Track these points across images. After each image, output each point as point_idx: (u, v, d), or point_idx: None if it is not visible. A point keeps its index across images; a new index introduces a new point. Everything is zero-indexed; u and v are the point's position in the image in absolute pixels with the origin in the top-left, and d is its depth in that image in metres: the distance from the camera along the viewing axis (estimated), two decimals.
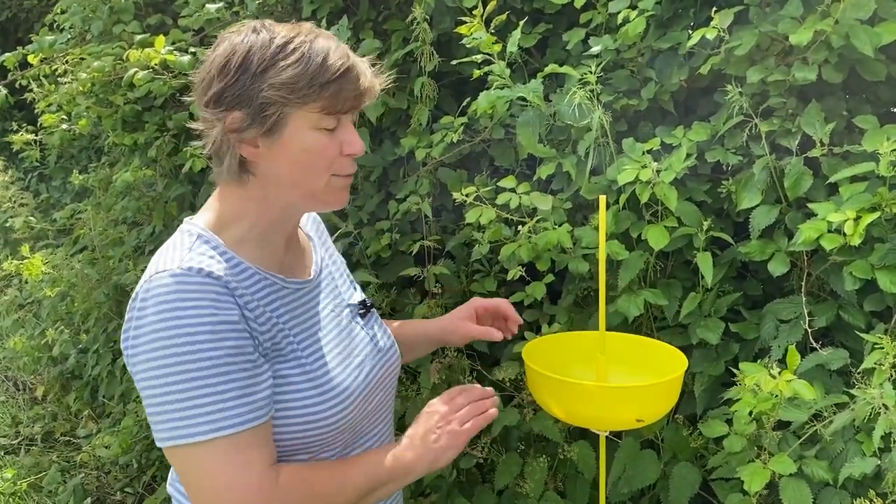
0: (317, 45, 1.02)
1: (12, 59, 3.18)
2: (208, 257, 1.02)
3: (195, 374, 0.94)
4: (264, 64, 1.01)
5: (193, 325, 0.95)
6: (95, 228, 3.40)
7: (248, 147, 1.04)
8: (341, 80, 1.02)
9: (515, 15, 2.15)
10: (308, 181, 1.07)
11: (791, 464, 1.46)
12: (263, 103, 1.01)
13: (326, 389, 1.07)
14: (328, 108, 1.03)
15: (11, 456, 3.53)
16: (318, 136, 1.04)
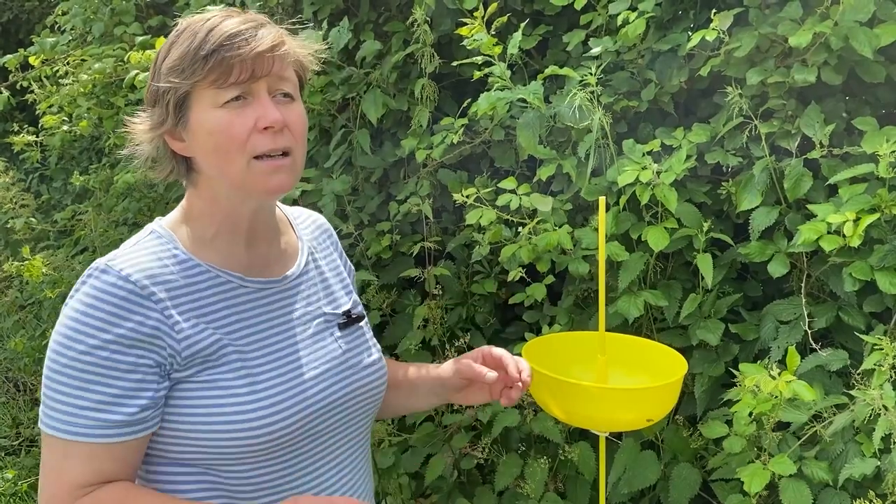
0: (209, 23, 1.00)
1: (14, 60, 3.19)
2: (148, 254, 1.03)
3: (64, 370, 0.97)
4: (163, 54, 1.03)
5: (86, 326, 0.96)
6: (96, 229, 3.40)
7: (177, 142, 1.05)
8: (224, 48, 0.97)
9: (516, 16, 2.16)
10: (226, 166, 1.01)
11: (791, 465, 1.46)
12: (164, 93, 1.01)
13: (267, 395, 1.02)
14: (218, 81, 0.98)
15: (12, 457, 3.53)
16: (222, 114, 0.99)
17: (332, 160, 2.42)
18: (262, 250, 1.13)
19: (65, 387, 0.97)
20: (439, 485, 2.08)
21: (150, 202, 3.21)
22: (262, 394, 1.02)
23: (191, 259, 1.05)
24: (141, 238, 1.07)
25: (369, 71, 2.34)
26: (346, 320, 1.18)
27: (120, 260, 1.01)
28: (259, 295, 1.09)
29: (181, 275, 1.03)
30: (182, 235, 1.07)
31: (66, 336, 0.97)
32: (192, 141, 1.03)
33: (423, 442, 2.11)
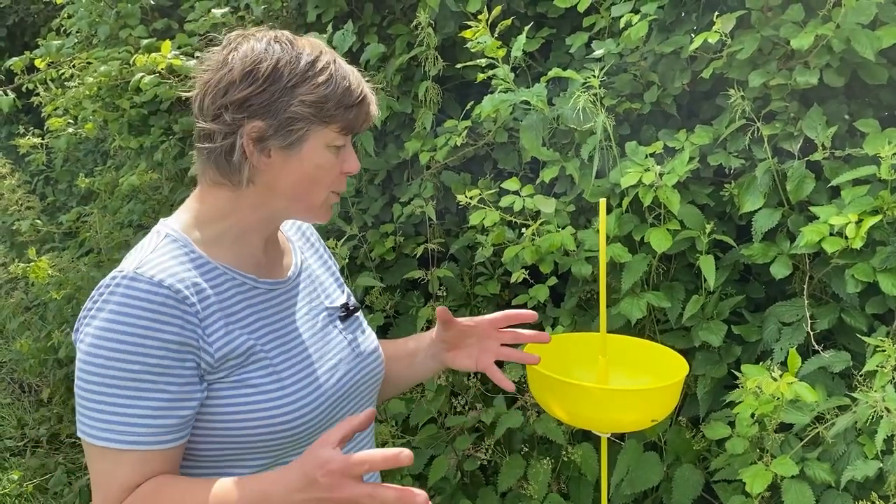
0: (341, 68, 1.07)
1: (20, 63, 3.20)
2: (170, 258, 1.02)
3: (111, 381, 0.96)
4: (295, 79, 1.03)
5: (128, 334, 0.96)
6: (101, 231, 3.41)
7: (262, 157, 1.05)
8: (362, 104, 1.07)
9: (519, 19, 2.17)
10: (311, 196, 1.09)
11: (793, 466, 1.46)
12: (291, 118, 1.02)
13: (294, 389, 1.05)
14: (346, 129, 1.07)
15: (17, 458, 3.55)
16: (329, 155, 1.07)
17: None
18: (271, 252, 1.16)
19: (115, 398, 0.96)
20: (442, 486, 2.09)
21: (155, 204, 3.23)
22: (288, 389, 1.05)
23: (209, 262, 1.06)
24: (157, 243, 1.05)
25: (373, 73, 2.35)
26: (346, 312, 1.23)
27: (147, 267, 1.00)
28: (271, 295, 1.12)
29: (204, 278, 1.04)
30: (195, 238, 1.07)
31: (107, 348, 0.96)
32: (285, 164, 1.05)
33: (426, 443, 2.12)
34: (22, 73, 3.27)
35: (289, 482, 0.89)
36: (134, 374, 0.96)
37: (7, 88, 3.32)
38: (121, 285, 0.98)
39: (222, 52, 1.07)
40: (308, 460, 0.88)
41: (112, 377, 0.96)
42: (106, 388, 0.96)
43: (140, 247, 1.06)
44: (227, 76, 1.04)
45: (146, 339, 0.96)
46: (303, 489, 0.88)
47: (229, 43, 1.07)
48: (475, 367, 1.27)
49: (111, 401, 0.96)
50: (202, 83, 1.07)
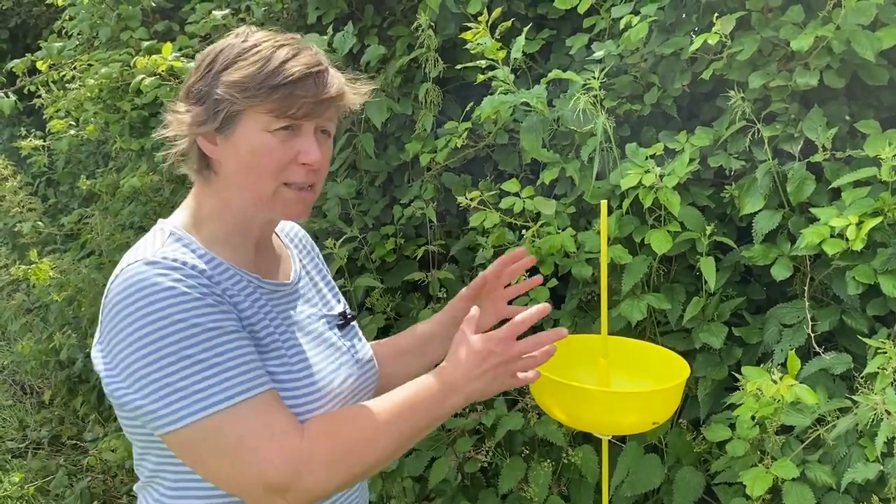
0: (283, 51, 1.03)
1: (21, 65, 3.21)
2: (181, 253, 1.02)
3: (204, 343, 0.94)
4: (226, 63, 1.04)
5: (189, 299, 0.94)
6: (102, 233, 3.42)
7: (208, 143, 1.06)
8: (294, 85, 1.01)
9: (519, 21, 2.17)
10: (256, 185, 1.05)
11: (794, 468, 1.46)
12: (217, 99, 1.03)
13: (303, 385, 1.06)
14: (277, 112, 1.02)
15: (19, 460, 3.55)
16: (268, 139, 1.03)
17: (336, 164, 2.43)
18: (265, 256, 1.16)
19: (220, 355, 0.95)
20: (443, 488, 2.09)
21: (156, 206, 3.23)
22: (301, 382, 1.06)
23: (216, 258, 1.06)
24: (164, 239, 1.05)
25: (374, 75, 2.35)
26: (343, 321, 1.23)
27: (167, 253, 1.00)
28: (276, 295, 1.13)
29: (215, 272, 1.03)
30: (196, 237, 1.08)
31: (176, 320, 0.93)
32: (227, 149, 1.05)
33: (426, 445, 2.12)
34: (24, 75, 3.28)
35: (467, 363, 1.03)
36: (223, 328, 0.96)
37: (9, 90, 3.33)
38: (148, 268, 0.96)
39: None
40: (475, 342, 1.04)
41: (204, 339, 0.94)
42: (207, 351, 0.94)
43: (144, 244, 1.05)
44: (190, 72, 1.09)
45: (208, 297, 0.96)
46: (481, 363, 1.03)
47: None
48: (496, 319, 1.35)
49: (221, 358, 0.95)
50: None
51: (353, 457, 0.99)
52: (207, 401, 0.94)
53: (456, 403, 1.05)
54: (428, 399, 1.04)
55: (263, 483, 0.95)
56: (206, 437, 0.95)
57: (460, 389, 1.04)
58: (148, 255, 0.99)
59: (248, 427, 0.95)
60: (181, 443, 0.97)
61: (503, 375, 1.05)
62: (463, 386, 1.04)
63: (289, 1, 2.63)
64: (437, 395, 1.04)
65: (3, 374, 4.42)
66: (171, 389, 0.94)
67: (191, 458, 0.99)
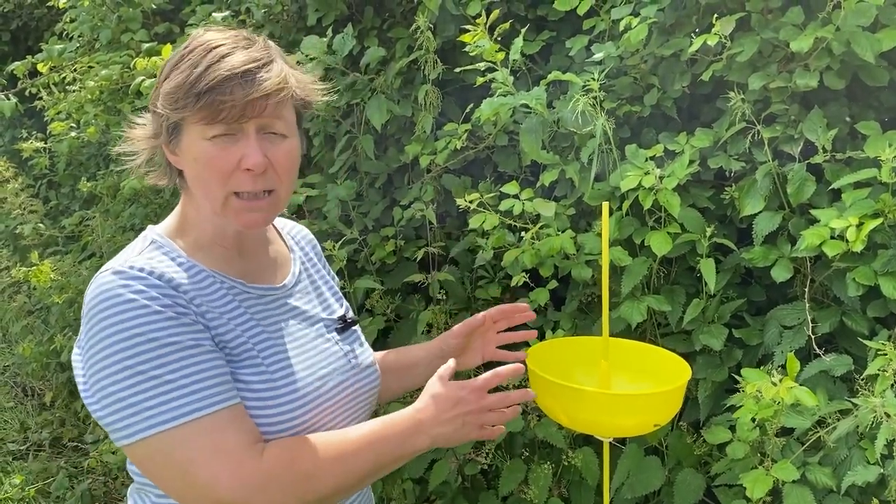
0: (213, 54, 1.00)
1: (22, 67, 3.21)
2: (157, 262, 1.02)
3: (161, 359, 0.93)
4: (165, 74, 1.05)
5: (147, 313, 0.94)
6: (103, 235, 3.41)
7: (170, 154, 1.07)
8: (215, 90, 0.98)
9: (519, 22, 2.16)
10: (207, 194, 1.04)
11: (794, 470, 1.46)
12: (158, 113, 1.04)
13: (282, 393, 1.04)
14: (207, 119, 0.99)
15: (20, 462, 3.55)
16: (207, 147, 1.01)
17: (336, 166, 2.43)
18: (253, 259, 1.16)
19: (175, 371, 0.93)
20: (443, 490, 2.08)
21: (157, 208, 3.23)
22: (280, 390, 1.04)
23: (195, 265, 1.06)
24: (143, 247, 1.06)
25: (373, 77, 2.35)
26: (343, 325, 1.23)
27: (133, 261, 1.00)
28: (262, 300, 1.12)
29: (192, 280, 1.03)
30: (181, 243, 1.08)
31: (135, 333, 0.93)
32: (181, 158, 1.06)
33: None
34: (25, 78, 3.28)
35: (438, 407, 1.06)
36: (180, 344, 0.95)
37: (10, 92, 3.33)
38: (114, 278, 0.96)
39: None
40: (450, 387, 1.07)
41: (161, 355, 0.93)
42: (162, 367, 0.93)
43: (125, 250, 1.07)
44: None
45: (168, 311, 0.95)
46: (451, 408, 1.05)
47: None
48: (482, 360, 1.38)
49: (176, 374, 0.94)
50: None
51: (309, 481, 0.98)
52: (156, 419, 0.93)
53: (420, 444, 1.05)
54: (393, 436, 1.04)
55: (215, 502, 0.94)
56: (156, 454, 0.95)
57: (426, 431, 1.05)
58: (118, 263, 0.99)
59: (197, 447, 0.94)
60: (136, 457, 0.98)
61: (470, 425, 1.07)
62: (429, 428, 1.05)
63: (289, 3, 2.63)
64: (402, 433, 1.04)
65: (4, 375, 4.42)
66: (125, 404, 0.93)
67: (147, 471, 1.00)
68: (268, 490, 0.94)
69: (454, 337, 1.35)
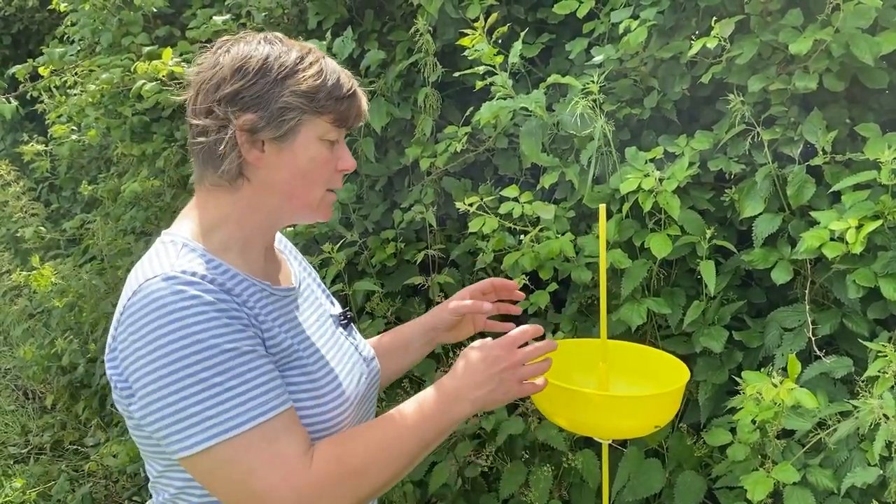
0: (330, 64, 1.09)
1: (23, 70, 3.22)
2: (197, 264, 1.00)
3: (218, 367, 0.93)
4: (285, 71, 1.04)
5: (202, 321, 0.93)
6: (104, 238, 3.42)
7: (255, 151, 1.04)
8: (352, 98, 1.08)
9: (518, 25, 2.17)
10: (307, 191, 1.09)
11: (794, 472, 1.46)
12: (283, 108, 1.03)
13: (326, 391, 1.06)
14: (339, 122, 1.07)
15: (21, 465, 3.55)
16: (323, 148, 1.08)
17: None
18: (271, 262, 1.17)
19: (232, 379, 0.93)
20: (444, 493, 2.08)
21: (158, 211, 3.23)
22: (322, 390, 1.06)
23: (230, 269, 1.04)
24: (178, 251, 1.02)
25: (373, 80, 2.36)
26: (346, 320, 1.26)
27: (179, 267, 0.97)
28: (287, 301, 1.13)
29: (231, 283, 1.02)
30: (209, 245, 1.05)
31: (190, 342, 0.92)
32: (278, 157, 1.05)
33: None
34: (26, 81, 3.29)
35: (472, 371, 1.06)
36: (237, 350, 0.95)
37: (11, 96, 3.34)
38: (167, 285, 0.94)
39: (214, 54, 1.08)
40: (482, 348, 1.08)
41: (219, 363, 0.93)
42: (220, 375, 0.93)
43: (156, 256, 1.02)
44: (217, 74, 1.05)
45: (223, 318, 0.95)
46: (487, 368, 1.06)
47: (221, 45, 1.09)
48: (474, 331, 1.38)
49: (234, 382, 0.94)
50: (195, 84, 1.08)
51: (360, 478, 0.99)
52: (219, 427, 0.93)
53: (462, 412, 1.06)
54: (433, 412, 1.05)
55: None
56: (217, 464, 0.94)
57: (465, 397, 1.05)
58: (166, 269, 0.97)
59: (257, 455, 0.94)
60: (195, 467, 0.97)
61: (509, 381, 1.07)
62: (468, 393, 1.06)
63: (289, 6, 2.63)
64: (441, 406, 1.05)
65: (5, 379, 4.42)
66: (186, 414, 0.93)
67: (204, 481, 0.98)
68: (322, 497, 0.96)
69: (450, 313, 1.34)
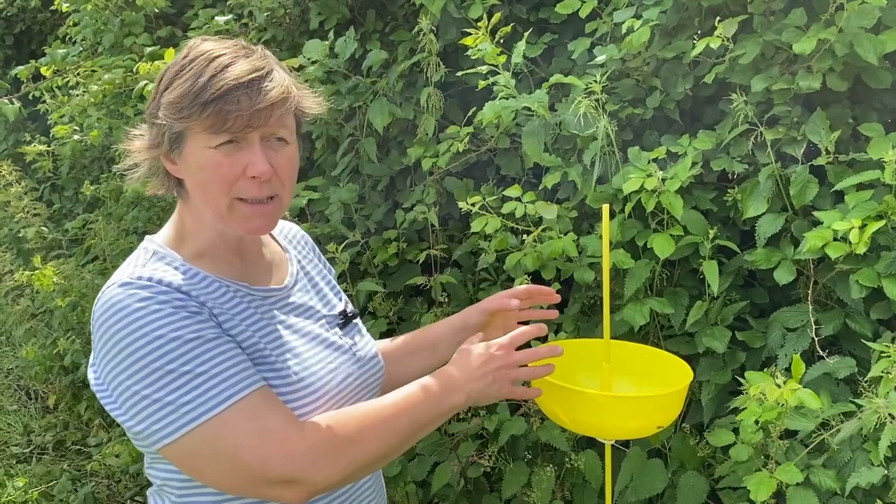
0: (215, 64, 1.00)
1: (25, 71, 3.22)
2: (161, 271, 1.03)
3: (186, 356, 0.95)
4: (165, 83, 1.04)
5: (162, 315, 0.96)
6: (106, 238, 3.42)
7: (170, 164, 1.07)
8: (223, 99, 0.98)
9: (521, 25, 2.17)
10: (211, 201, 1.05)
11: (797, 473, 1.45)
12: (160, 123, 1.03)
13: (296, 388, 1.06)
14: (213, 128, 1.00)
15: (23, 465, 3.55)
16: (212, 155, 1.01)
17: (338, 169, 2.43)
18: (253, 262, 1.17)
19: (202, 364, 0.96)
20: (446, 493, 2.08)
21: (160, 211, 3.23)
22: (295, 385, 1.06)
23: (199, 272, 1.07)
24: (146, 259, 1.07)
25: (375, 80, 2.36)
26: (344, 320, 1.24)
27: (138, 273, 1.01)
28: (267, 302, 1.13)
29: (199, 286, 1.04)
30: (181, 253, 1.09)
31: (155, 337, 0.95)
32: (182, 167, 1.06)
33: (429, 450, 2.11)
34: (28, 81, 3.29)
35: (469, 364, 1.10)
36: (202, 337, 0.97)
37: (14, 96, 3.34)
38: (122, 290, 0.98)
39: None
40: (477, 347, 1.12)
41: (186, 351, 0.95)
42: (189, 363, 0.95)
43: (127, 263, 1.07)
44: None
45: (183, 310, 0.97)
46: (482, 365, 1.09)
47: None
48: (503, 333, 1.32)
49: (204, 367, 0.96)
50: None
51: (354, 446, 1.01)
52: (197, 411, 0.95)
53: (456, 401, 1.08)
54: (428, 396, 1.07)
55: (267, 480, 0.96)
56: (201, 446, 0.96)
57: (460, 388, 1.08)
58: (124, 276, 1.01)
59: (242, 430, 0.96)
60: (179, 455, 0.98)
61: (502, 380, 1.11)
62: (463, 384, 1.08)
63: (291, 6, 2.63)
64: (437, 392, 1.08)
65: (7, 379, 4.42)
66: (160, 405, 0.95)
67: (191, 468, 1.00)
68: (316, 462, 0.98)
69: (479, 313, 1.34)
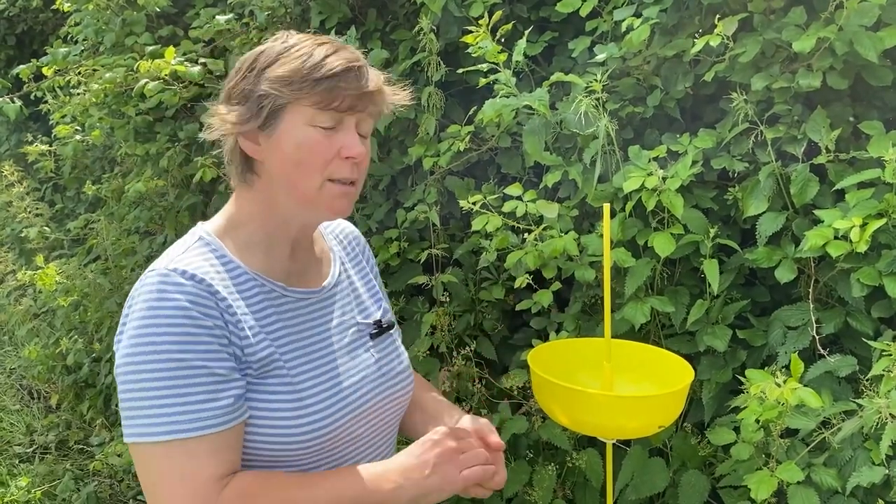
0: (323, 48, 1.05)
1: (27, 71, 3.22)
2: (202, 260, 1.04)
3: (162, 373, 0.96)
4: (268, 62, 1.05)
5: (167, 325, 0.97)
6: (108, 238, 3.43)
7: (250, 143, 1.07)
8: (337, 77, 1.02)
9: (521, 24, 2.16)
10: (302, 181, 1.05)
11: (798, 472, 1.45)
12: (260, 96, 1.04)
13: (312, 402, 1.05)
14: (322, 104, 1.03)
15: (26, 464, 3.56)
16: (312, 133, 1.04)
17: None
18: (301, 259, 1.16)
19: (172, 388, 0.96)
20: None
21: (161, 211, 3.23)
22: (307, 401, 1.05)
23: (239, 266, 1.07)
24: (189, 244, 1.07)
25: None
26: (378, 330, 1.22)
27: (176, 263, 1.02)
28: (299, 304, 1.12)
29: (234, 282, 1.05)
30: (228, 242, 1.09)
31: (153, 342, 0.96)
32: (270, 147, 1.06)
33: None
34: (30, 81, 3.29)
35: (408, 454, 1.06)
36: (185, 362, 0.96)
37: (15, 96, 3.34)
38: (155, 282, 0.99)
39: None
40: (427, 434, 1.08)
41: (164, 369, 0.96)
42: (160, 381, 0.95)
43: (175, 246, 1.08)
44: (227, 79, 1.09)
45: (189, 328, 0.97)
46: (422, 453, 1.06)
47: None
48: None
49: (169, 392, 0.95)
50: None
51: None
52: (143, 430, 0.96)
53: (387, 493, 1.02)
54: (359, 486, 1.02)
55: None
56: (139, 461, 0.98)
57: (394, 479, 1.03)
58: (164, 264, 1.02)
59: (168, 467, 0.96)
60: (133, 458, 1.01)
61: (447, 464, 1.05)
62: (398, 476, 1.03)
63: (292, 5, 2.63)
64: (366, 481, 1.02)
65: (10, 378, 4.43)
66: (127, 406, 0.97)
67: (139, 475, 1.02)
68: None
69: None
